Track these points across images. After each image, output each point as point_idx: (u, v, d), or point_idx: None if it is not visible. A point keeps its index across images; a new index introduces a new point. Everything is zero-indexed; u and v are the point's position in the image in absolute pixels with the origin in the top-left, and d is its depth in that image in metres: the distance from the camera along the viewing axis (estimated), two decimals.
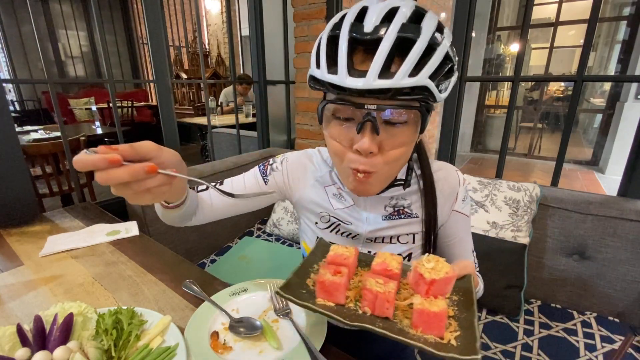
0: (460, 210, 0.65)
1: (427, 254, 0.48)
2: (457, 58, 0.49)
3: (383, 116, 0.47)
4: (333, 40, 0.48)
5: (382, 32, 0.44)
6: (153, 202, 0.46)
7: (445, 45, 0.46)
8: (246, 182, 0.70)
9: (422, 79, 0.44)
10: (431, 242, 0.64)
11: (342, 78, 0.45)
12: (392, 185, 0.62)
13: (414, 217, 0.64)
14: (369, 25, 0.45)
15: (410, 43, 0.44)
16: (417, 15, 0.46)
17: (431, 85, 0.45)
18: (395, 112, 0.47)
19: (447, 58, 0.46)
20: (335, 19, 0.50)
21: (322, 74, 0.47)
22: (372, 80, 0.43)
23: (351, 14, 0.47)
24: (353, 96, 0.46)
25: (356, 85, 0.44)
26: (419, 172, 0.63)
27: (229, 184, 0.70)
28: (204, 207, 0.67)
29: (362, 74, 0.44)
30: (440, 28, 0.46)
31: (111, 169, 0.37)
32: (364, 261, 0.56)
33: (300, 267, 0.52)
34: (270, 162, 0.71)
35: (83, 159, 0.36)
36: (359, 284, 0.50)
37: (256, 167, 0.71)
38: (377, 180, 0.53)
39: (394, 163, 0.51)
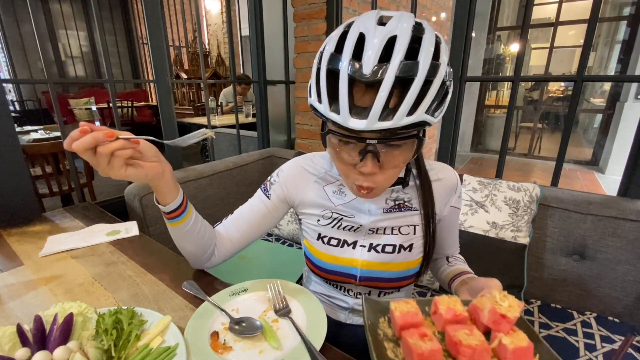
0: (457, 205, 0.72)
1: (498, 292, 0.48)
2: (451, 71, 0.51)
3: (383, 145, 0.51)
4: (332, 75, 0.49)
5: (380, 74, 0.45)
6: (126, 174, 0.50)
7: (441, 72, 0.47)
8: (251, 203, 0.75)
9: (420, 116, 0.47)
10: (430, 234, 0.68)
11: (345, 119, 0.47)
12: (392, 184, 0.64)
13: (414, 210, 0.68)
14: (367, 66, 0.46)
15: (408, 81, 0.45)
16: (415, 42, 0.46)
17: (427, 118, 0.47)
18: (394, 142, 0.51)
19: (442, 84, 0.48)
20: (331, 46, 0.50)
21: (325, 110, 0.50)
22: (373, 123, 0.46)
23: (348, 48, 0.47)
24: (355, 131, 0.48)
25: (358, 127, 0.46)
26: (415, 171, 0.68)
27: (238, 213, 0.75)
28: (223, 241, 0.72)
29: (363, 113, 0.46)
30: (437, 48, 0.48)
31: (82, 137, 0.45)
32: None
33: (373, 341, 0.48)
34: (269, 179, 0.75)
35: (67, 139, 0.46)
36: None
37: (259, 189, 0.76)
38: (379, 191, 0.59)
39: (394, 177, 0.57)
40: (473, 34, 1.53)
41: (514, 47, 5.87)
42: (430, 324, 0.52)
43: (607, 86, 4.90)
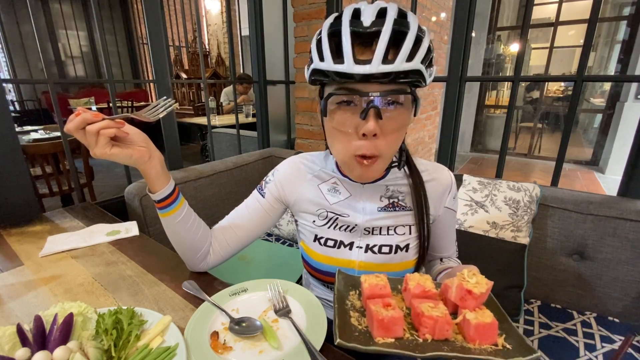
0: (451, 206, 0.72)
1: (467, 270, 0.50)
2: (433, 50, 0.56)
3: (384, 100, 0.53)
4: (333, 35, 0.53)
5: (379, 25, 0.50)
6: (110, 152, 0.54)
7: (427, 39, 0.53)
8: (247, 203, 0.75)
9: (417, 63, 0.51)
10: (424, 233, 0.68)
11: (350, 66, 0.50)
12: (387, 168, 0.67)
13: (408, 209, 0.68)
14: (366, 21, 0.51)
15: (403, 35, 0.51)
16: (402, 14, 0.53)
17: (423, 69, 0.52)
18: (393, 96, 0.54)
19: (429, 49, 0.53)
20: (330, 19, 0.55)
21: (328, 65, 0.52)
22: (376, 66, 0.49)
23: (347, 14, 0.53)
24: (357, 84, 0.52)
25: (364, 71, 0.49)
26: (407, 169, 0.69)
27: (234, 213, 0.75)
28: (219, 242, 0.72)
29: (366, 62, 0.50)
30: (420, 27, 0.54)
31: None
32: (390, 285, 0.56)
33: (338, 309, 0.50)
34: (265, 178, 0.76)
35: (66, 123, 0.51)
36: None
37: (255, 189, 0.76)
38: (381, 164, 0.59)
39: (394, 145, 0.58)
40: (473, 34, 1.53)
41: (514, 47, 5.87)
42: (400, 300, 0.53)
43: (607, 86, 4.90)
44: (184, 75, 5.26)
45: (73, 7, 6.39)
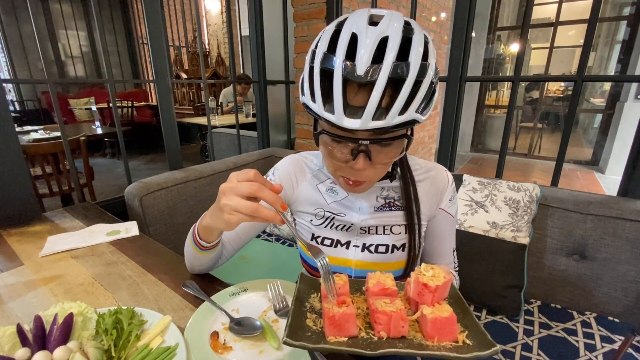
0: (447, 209, 0.70)
1: (421, 264, 0.49)
2: (438, 70, 0.52)
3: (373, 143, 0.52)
4: (325, 74, 0.49)
5: (374, 75, 0.46)
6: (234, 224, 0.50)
7: (430, 74, 0.48)
8: None
9: (411, 114, 0.48)
10: (414, 232, 0.67)
11: (339, 119, 0.47)
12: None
13: (403, 209, 0.68)
14: (360, 67, 0.46)
15: (400, 82, 0.46)
16: (405, 42, 0.47)
17: (417, 117, 0.49)
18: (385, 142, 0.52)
19: (430, 84, 0.49)
20: (324, 44, 0.50)
21: (319, 110, 0.50)
22: (367, 122, 0.47)
23: (342, 45, 0.47)
24: (348, 131, 0.49)
25: (353, 127, 0.47)
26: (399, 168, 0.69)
27: None
28: (239, 234, 0.72)
29: (357, 112, 0.47)
30: (426, 48, 0.48)
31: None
32: (353, 287, 0.54)
33: (294, 310, 0.48)
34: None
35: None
36: (359, 311, 0.49)
37: None
38: (368, 185, 0.61)
39: (382, 172, 0.58)
40: (473, 34, 1.54)
41: (514, 47, 5.87)
42: (363, 300, 0.51)
43: (607, 86, 4.91)
44: (184, 75, 5.26)
45: (73, 7, 6.38)
